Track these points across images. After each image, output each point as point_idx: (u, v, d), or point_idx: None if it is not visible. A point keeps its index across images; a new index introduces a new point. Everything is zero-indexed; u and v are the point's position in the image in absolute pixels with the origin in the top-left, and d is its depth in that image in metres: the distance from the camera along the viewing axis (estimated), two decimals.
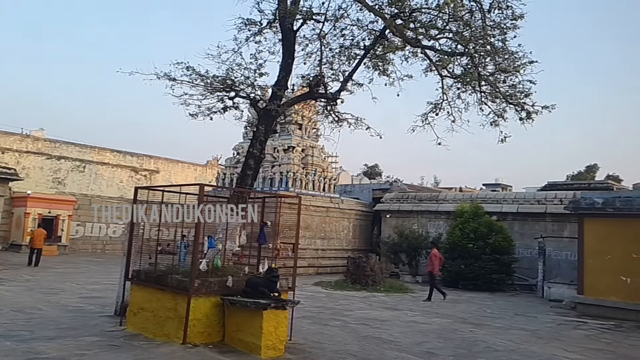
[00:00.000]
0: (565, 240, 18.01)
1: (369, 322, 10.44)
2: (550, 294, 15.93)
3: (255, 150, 8.78)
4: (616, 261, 12.66)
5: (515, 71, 8.50)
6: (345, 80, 9.81)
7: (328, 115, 10.55)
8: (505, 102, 8.92)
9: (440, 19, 8.65)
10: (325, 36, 9.78)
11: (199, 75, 8.93)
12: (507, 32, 8.27)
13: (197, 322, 7.37)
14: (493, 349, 8.49)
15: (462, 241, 18.11)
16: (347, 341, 8.50)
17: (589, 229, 13.31)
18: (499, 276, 17.76)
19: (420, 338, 9.13)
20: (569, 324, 11.61)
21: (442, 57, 8.86)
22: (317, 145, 23.24)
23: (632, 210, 12.47)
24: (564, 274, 17.16)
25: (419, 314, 12.09)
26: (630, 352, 8.87)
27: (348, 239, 23.33)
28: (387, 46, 9.52)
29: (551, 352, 8.52)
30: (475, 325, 10.86)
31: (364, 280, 16.70)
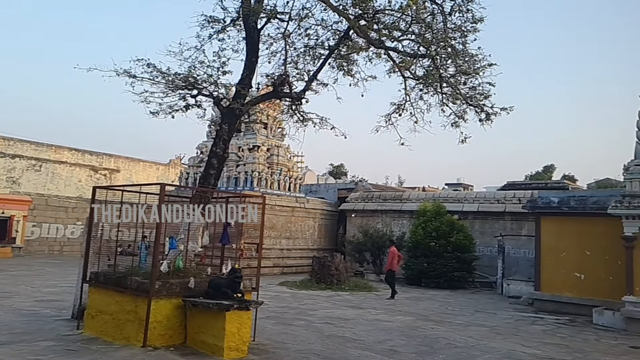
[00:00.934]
0: (523, 238, 18.56)
1: (333, 321, 10.49)
2: (509, 290, 16.39)
3: (218, 149, 8.67)
4: (571, 258, 13.13)
5: (475, 73, 8.71)
6: (309, 79, 9.81)
7: (293, 115, 10.52)
8: (466, 103, 9.13)
9: (403, 21, 8.77)
10: (289, 35, 9.76)
11: (160, 73, 8.75)
12: (467, 35, 8.47)
13: (158, 324, 7.24)
14: (454, 346, 8.67)
15: (424, 240, 18.41)
16: (310, 341, 8.52)
17: (546, 227, 13.77)
18: (460, 274, 18.15)
19: (383, 336, 9.24)
20: (526, 320, 11.98)
21: (404, 59, 8.99)
22: (283, 145, 23.18)
23: (585, 209, 12.96)
24: (522, 271, 17.68)
25: (382, 312, 12.23)
26: (583, 346, 9.22)
27: (313, 239, 23.37)
28: (351, 47, 9.59)
29: (509, 347, 8.76)
30: (437, 322, 11.07)
31: (329, 280, 16.77)
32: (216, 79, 9.07)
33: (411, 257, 19.09)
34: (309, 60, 10.07)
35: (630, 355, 8.60)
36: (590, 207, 12.83)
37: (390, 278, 15.21)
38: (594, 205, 12.73)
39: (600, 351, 8.81)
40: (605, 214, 11.52)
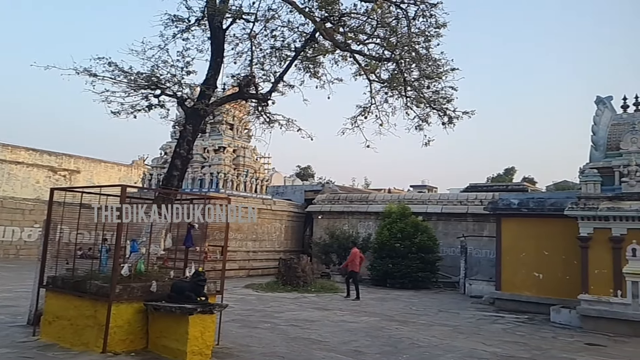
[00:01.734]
0: (485, 239, 18.99)
1: (298, 323, 10.48)
2: (471, 290, 16.75)
3: (182, 150, 8.54)
4: (530, 258, 13.52)
5: (438, 77, 8.88)
6: (276, 81, 9.79)
7: (259, 116, 10.47)
8: (429, 107, 9.29)
9: (368, 25, 8.86)
10: (255, 36, 9.71)
11: (122, 72, 8.55)
12: (431, 40, 8.63)
13: (119, 329, 7.07)
14: (417, 345, 8.80)
15: (390, 241, 18.61)
16: (276, 343, 8.48)
17: (506, 228, 14.14)
18: (424, 274, 18.43)
19: (348, 337, 9.29)
20: (487, 319, 12.26)
21: (370, 62, 9.08)
22: (249, 146, 23.01)
23: (543, 210, 13.38)
24: (483, 271, 18.10)
25: (348, 313, 12.29)
26: (541, 343, 9.51)
27: (280, 241, 23.29)
28: (318, 49, 9.62)
29: (471, 346, 8.95)
30: (402, 322, 11.21)
31: (295, 282, 16.74)
32: (180, 79, 8.93)
33: (377, 258, 19.27)
34: (275, 61, 10.04)
35: (586, 352, 8.91)
36: (548, 208, 13.25)
37: (353, 279, 15.30)
38: (551, 206, 13.15)
39: (557, 348, 9.10)
40: (562, 215, 11.92)
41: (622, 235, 11.00)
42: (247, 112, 13.93)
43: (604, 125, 12.26)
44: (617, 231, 11.05)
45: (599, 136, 12.15)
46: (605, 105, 12.53)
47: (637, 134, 11.56)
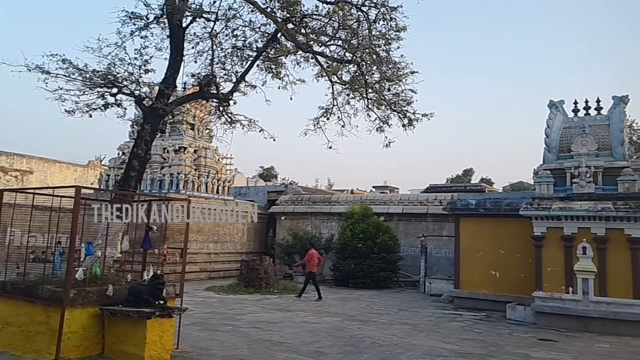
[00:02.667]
0: (444, 238, 19.39)
1: (260, 325, 10.42)
2: (431, 289, 17.08)
3: (140, 150, 8.34)
4: (487, 257, 13.89)
5: (398, 80, 9.02)
6: (237, 81, 9.71)
7: (221, 116, 10.36)
8: (390, 109, 9.43)
9: (330, 26, 8.91)
10: (216, 35, 9.59)
11: (77, 69, 8.28)
12: (391, 43, 8.76)
13: (73, 335, 6.85)
14: (378, 345, 8.90)
15: (352, 241, 18.75)
16: (237, 346, 8.41)
17: (464, 228, 14.48)
18: (386, 274, 18.66)
19: (310, 338, 9.30)
20: (446, 317, 12.52)
21: (331, 64, 9.13)
22: (211, 146, 22.70)
23: (500, 210, 13.78)
24: (443, 270, 18.48)
25: (310, 313, 12.30)
26: (497, 340, 9.78)
27: (242, 242, 23.08)
28: (280, 49, 9.59)
29: (430, 344, 9.12)
30: (363, 322, 11.31)
31: (258, 283, 16.63)
32: (138, 78, 8.72)
33: (339, 258, 19.39)
34: (237, 61, 9.96)
35: (539, 347, 9.22)
36: (504, 208, 13.65)
37: (311, 279, 15.33)
38: (507, 207, 13.56)
39: (512, 344, 9.38)
40: (517, 215, 12.30)
41: (573, 234, 11.44)
42: (208, 112, 13.73)
43: (557, 128, 12.73)
44: (569, 230, 11.50)
45: (552, 139, 12.61)
46: (557, 109, 13.01)
47: (587, 137, 12.06)
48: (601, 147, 11.98)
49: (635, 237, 10.89)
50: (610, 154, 11.89)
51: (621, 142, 11.85)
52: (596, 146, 11.95)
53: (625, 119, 12.61)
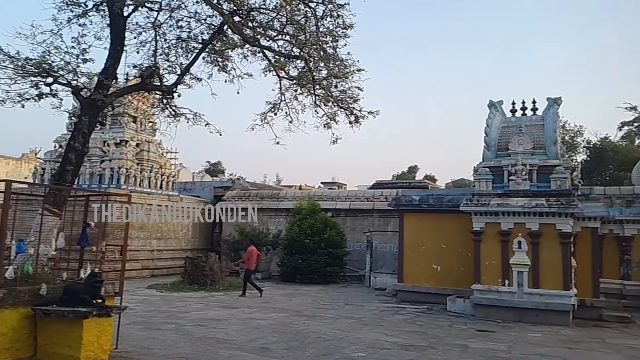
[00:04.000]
0: (389, 233, 19.79)
1: (204, 323, 10.25)
2: (375, 283, 17.40)
3: (77, 143, 7.97)
4: (429, 251, 14.30)
5: (345, 77, 9.10)
6: (182, 73, 9.46)
7: (164, 109, 10.07)
8: (337, 105, 9.49)
9: (277, 21, 8.85)
10: (160, 26, 9.30)
11: (8, 56, 7.79)
12: (338, 40, 8.81)
13: (2, 337, 6.49)
14: (323, 339, 8.97)
15: (299, 237, 18.79)
16: (179, 344, 8.23)
17: (408, 223, 14.83)
18: (333, 269, 18.85)
19: (255, 334, 9.24)
20: (390, 310, 12.80)
21: (279, 59, 9.08)
22: (154, 140, 22.04)
23: (442, 206, 14.22)
24: (388, 264, 18.87)
25: (256, 310, 12.23)
26: (438, 332, 10.10)
27: (187, 239, 22.61)
28: (226, 42, 9.42)
29: (374, 337, 9.29)
30: (309, 317, 11.36)
31: (203, 280, 16.35)
32: (75, 67, 8.31)
33: (287, 254, 19.39)
34: (182, 53, 9.70)
35: (477, 338, 9.60)
36: (446, 204, 14.10)
37: (248, 277, 15.23)
38: (449, 203, 14.01)
39: (452, 336, 9.71)
40: (458, 211, 12.73)
41: (509, 229, 11.98)
42: (151, 104, 13.30)
43: (495, 128, 13.27)
44: (506, 225, 12.03)
45: (491, 137, 13.13)
46: (496, 109, 13.56)
47: (523, 136, 12.64)
48: (536, 146, 12.59)
49: (565, 232, 11.54)
50: (545, 153, 12.52)
51: (554, 142, 12.50)
52: (531, 145, 12.55)
53: (559, 119, 13.32)
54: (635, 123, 38.62)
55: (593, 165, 33.38)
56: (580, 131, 37.87)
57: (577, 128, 37.74)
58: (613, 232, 14.39)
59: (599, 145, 35.66)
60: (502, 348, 8.71)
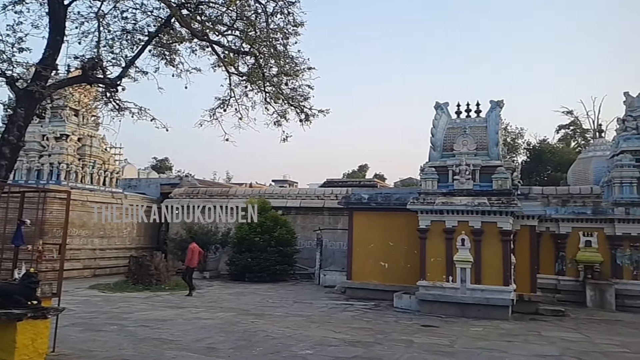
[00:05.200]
0: (339, 231, 19.96)
1: (149, 323, 9.99)
2: (325, 280, 17.52)
3: (11, 136, 7.52)
4: (377, 249, 14.56)
5: (296, 75, 9.07)
6: (126, 66, 9.11)
7: (108, 103, 9.68)
8: (287, 103, 9.46)
9: (227, 16, 8.70)
10: (104, 16, 8.92)
11: None
12: (289, 37, 8.77)
13: None
14: (271, 337, 8.94)
15: (249, 235, 18.64)
16: (122, 346, 7.98)
17: (357, 221, 15.03)
18: (282, 267, 18.83)
19: (202, 334, 9.09)
20: (338, 307, 12.93)
21: (228, 54, 8.94)
22: (97, 135, 21.18)
23: (390, 204, 14.50)
24: (337, 262, 19.04)
25: (203, 309, 12.03)
26: (384, 327, 10.30)
27: (132, 237, 21.91)
28: (174, 36, 9.17)
29: (322, 334, 9.36)
30: (257, 316, 11.29)
31: (148, 280, 15.92)
32: (10, 56, 7.85)
33: (236, 252, 19.20)
34: (127, 45, 9.35)
35: (421, 333, 9.86)
36: (394, 203, 14.39)
37: (188, 275, 14.95)
38: (397, 201, 14.31)
39: (397, 331, 9.92)
40: (405, 209, 13.03)
41: (453, 227, 12.38)
42: (94, 97, 12.77)
43: (441, 129, 13.66)
44: (450, 223, 12.42)
45: (437, 138, 13.51)
46: (442, 110, 13.97)
47: (467, 137, 13.08)
48: (479, 147, 13.07)
49: (505, 230, 12.05)
50: (487, 154, 13.01)
51: (496, 143, 13.01)
52: (475, 146, 13.01)
53: (501, 121, 13.88)
54: (571, 126, 40.85)
55: (532, 166, 35.05)
56: (521, 133, 39.69)
57: (519, 130, 39.56)
58: (549, 230, 15.15)
59: (538, 147, 37.49)
60: (446, 342, 8.98)
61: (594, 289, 14.05)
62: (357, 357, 7.73)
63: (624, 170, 14.69)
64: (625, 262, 14.27)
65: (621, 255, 14.31)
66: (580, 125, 39.76)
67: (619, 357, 8.17)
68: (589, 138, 36.32)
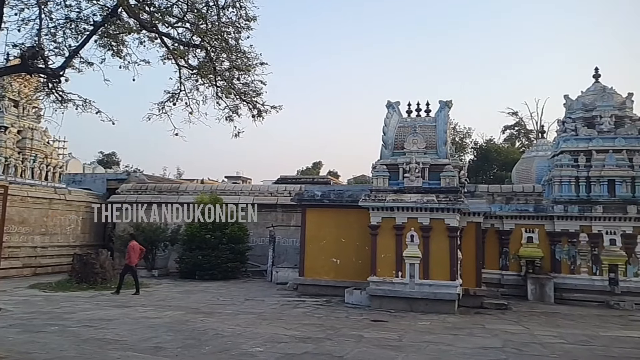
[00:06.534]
0: (292, 228, 19.96)
1: (93, 323, 9.65)
2: (277, 277, 17.48)
3: None
4: (330, 245, 14.65)
5: (248, 70, 8.97)
6: (70, 55, 8.73)
7: (50, 94, 9.26)
8: (240, 98, 9.34)
9: (177, 7, 8.49)
10: (46, 3, 8.52)
11: None
12: (241, 32, 8.65)
13: None
14: (221, 336, 8.83)
15: (200, 232, 18.31)
16: (63, 347, 7.68)
17: (310, 218, 15.07)
18: (234, 264, 18.63)
19: (149, 333, 8.87)
20: (290, 304, 12.93)
21: (178, 47, 8.73)
22: (39, 127, 20.21)
23: (342, 201, 14.63)
24: (290, 258, 19.02)
25: (151, 308, 11.74)
26: (335, 323, 10.38)
27: (76, 234, 21.08)
28: (121, 26, 8.86)
29: (273, 331, 9.33)
30: (207, 314, 11.13)
31: (93, 279, 15.37)
32: None
33: (186, 250, 18.83)
34: (71, 34, 8.96)
35: (371, 328, 10.01)
36: (346, 200, 14.53)
37: (131, 272, 14.56)
38: (349, 198, 14.45)
39: (348, 327, 10.03)
40: (357, 206, 13.18)
41: (403, 223, 12.63)
42: (35, 88, 12.17)
43: (393, 127, 13.91)
44: (400, 220, 12.67)
45: (388, 136, 13.74)
46: (394, 109, 14.22)
47: (417, 136, 13.37)
48: (429, 145, 13.39)
49: (452, 226, 12.41)
50: (436, 152, 13.35)
51: (445, 142, 13.37)
52: (425, 145, 13.31)
53: (449, 121, 14.27)
54: (516, 127, 42.56)
55: (479, 164, 36.32)
56: (469, 133, 41.03)
57: (467, 130, 40.87)
58: (494, 226, 15.72)
59: (485, 146, 38.87)
60: (394, 337, 9.16)
61: (535, 283, 14.70)
62: (307, 353, 7.76)
63: (563, 170, 15.44)
64: (563, 257, 15.00)
65: (560, 251, 15.04)
66: (525, 126, 41.53)
67: (557, 347, 8.58)
68: (532, 138, 37.97)
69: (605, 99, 15.88)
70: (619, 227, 14.43)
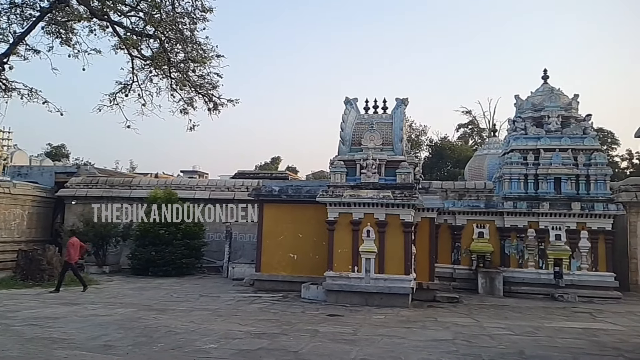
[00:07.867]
0: (249, 224, 19.70)
1: (39, 322, 9.26)
2: (234, 273, 17.31)
3: None
4: (287, 241, 14.62)
5: (203, 62, 8.83)
6: (14, 42, 8.37)
7: None
8: (195, 91, 9.19)
9: None
10: None
11: None
12: (197, 23, 8.51)
13: None
14: (174, 333, 8.66)
15: (153, 228, 17.88)
16: (6, 347, 7.34)
17: (267, 213, 14.98)
18: (189, 260, 18.30)
19: (98, 331, 8.60)
20: (246, 300, 12.83)
21: (130, 36, 8.49)
22: None
23: (300, 197, 14.62)
24: (247, 254, 18.89)
25: (101, 306, 11.38)
26: (291, 318, 10.37)
27: (21, 230, 20.17)
28: (70, 13, 8.55)
29: (228, 327, 9.22)
30: (160, 311, 10.89)
31: (39, 276, 14.76)
32: None
33: (138, 246, 18.34)
34: (16, 19, 8.58)
35: (327, 323, 10.06)
36: (304, 195, 14.53)
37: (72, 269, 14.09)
38: (307, 193, 14.46)
39: (304, 322, 10.04)
40: (315, 202, 13.21)
41: (360, 218, 12.76)
42: None
43: (350, 124, 14.00)
44: (357, 215, 12.78)
45: (346, 132, 13.83)
46: (352, 105, 14.31)
47: (374, 133, 13.52)
48: (385, 142, 13.56)
49: (407, 222, 12.63)
50: (392, 149, 13.53)
51: (401, 139, 13.57)
52: (381, 141, 13.48)
53: (405, 118, 14.49)
54: (470, 125, 43.77)
55: (434, 161, 37.14)
56: (424, 130, 41.88)
57: (422, 127, 41.69)
58: (447, 222, 16.10)
59: (439, 144, 39.79)
60: (349, 331, 9.25)
61: (485, 276, 15.18)
62: (262, 348, 7.72)
63: (513, 167, 15.98)
64: (512, 251, 15.55)
65: (509, 246, 15.58)
66: (478, 124, 42.77)
67: (505, 339, 8.89)
68: (485, 137, 39.16)
69: (553, 99, 16.52)
70: (563, 223, 15.08)
